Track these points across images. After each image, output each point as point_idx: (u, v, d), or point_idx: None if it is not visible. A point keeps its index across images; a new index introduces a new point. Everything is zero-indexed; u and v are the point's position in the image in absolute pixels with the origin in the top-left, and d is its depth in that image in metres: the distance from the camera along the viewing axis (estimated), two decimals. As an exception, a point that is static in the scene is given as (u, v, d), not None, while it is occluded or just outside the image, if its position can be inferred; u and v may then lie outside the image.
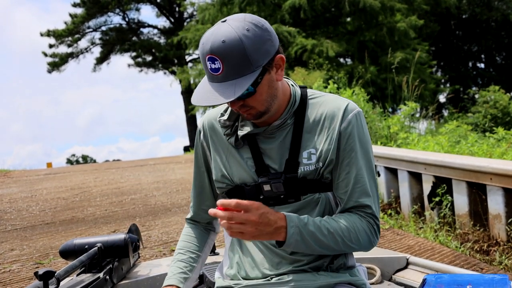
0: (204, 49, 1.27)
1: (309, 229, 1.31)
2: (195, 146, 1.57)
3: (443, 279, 1.23)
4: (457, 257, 3.71)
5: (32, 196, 7.82)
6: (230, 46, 1.23)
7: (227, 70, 1.25)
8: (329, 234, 1.33)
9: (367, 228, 1.38)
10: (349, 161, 1.38)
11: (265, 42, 1.28)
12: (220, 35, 1.25)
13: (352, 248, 1.38)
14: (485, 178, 3.90)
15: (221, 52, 1.24)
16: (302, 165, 1.38)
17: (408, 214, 4.88)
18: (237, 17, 1.30)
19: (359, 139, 1.39)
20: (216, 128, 1.49)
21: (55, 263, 4.03)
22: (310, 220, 1.33)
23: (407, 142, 6.38)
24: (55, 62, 25.54)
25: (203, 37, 1.29)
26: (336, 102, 1.42)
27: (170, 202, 6.62)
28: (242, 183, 1.43)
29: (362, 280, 1.45)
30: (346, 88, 8.07)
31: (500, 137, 6.65)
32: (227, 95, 1.25)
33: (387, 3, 15.70)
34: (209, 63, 1.26)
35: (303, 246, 1.32)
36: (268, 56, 1.29)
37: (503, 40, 23.13)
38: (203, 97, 1.29)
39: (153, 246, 4.37)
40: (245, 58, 1.25)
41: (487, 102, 11.71)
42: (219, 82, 1.27)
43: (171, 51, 25.05)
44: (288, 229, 1.29)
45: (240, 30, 1.25)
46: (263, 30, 1.28)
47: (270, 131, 1.40)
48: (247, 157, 1.43)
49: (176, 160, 12.67)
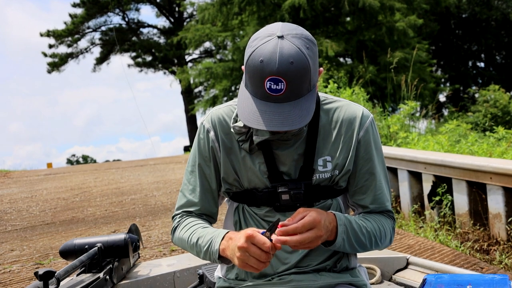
0: (266, 68, 1.16)
1: (353, 227, 1.32)
2: (201, 145, 1.46)
3: (443, 279, 1.23)
4: (457, 257, 3.71)
5: (32, 197, 7.82)
6: (298, 68, 1.17)
7: (289, 92, 1.19)
8: (367, 233, 1.35)
9: (391, 228, 1.43)
10: (368, 168, 1.39)
11: (317, 58, 1.25)
12: (286, 54, 1.16)
13: (378, 247, 1.40)
14: (485, 178, 3.90)
15: (289, 74, 1.16)
16: (317, 172, 1.37)
17: (408, 214, 4.88)
18: (293, 31, 1.22)
19: (375, 146, 1.40)
20: (226, 129, 1.42)
21: (55, 263, 4.03)
22: (353, 219, 1.34)
23: (407, 141, 6.38)
24: (55, 62, 25.53)
25: (260, 54, 1.18)
26: (351, 108, 1.41)
27: (170, 202, 6.62)
28: (253, 188, 1.41)
29: (362, 281, 1.45)
30: (346, 88, 8.07)
31: (500, 136, 6.65)
32: (294, 119, 1.19)
33: (386, 3, 15.69)
34: (269, 83, 1.17)
35: (348, 245, 1.32)
36: (318, 72, 1.26)
37: (503, 39, 23.13)
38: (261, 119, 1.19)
39: (153, 246, 4.37)
40: (308, 78, 1.20)
41: (487, 101, 11.70)
42: (279, 103, 1.20)
43: (171, 51, 25.05)
44: (338, 227, 1.29)
45: (304, 49, 1.19)
46: (315, 46, 1.24)
47: (285, 137, 1.36)
48: (259, 162, 1.39)
49: (176, 160, 12.67)
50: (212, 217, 1.51)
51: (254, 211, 1.43)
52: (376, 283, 2.01)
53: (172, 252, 4.09)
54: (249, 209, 1.44)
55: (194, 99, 24.29)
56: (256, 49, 1.19)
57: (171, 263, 2.14)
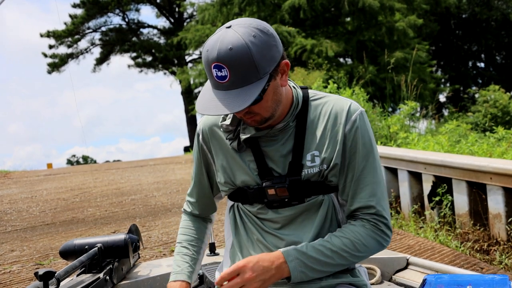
0: (209, 56, 1.23)
1: (310, 255, 1.31)
2: (194, 149, 1.56)
3: (443, 279, 1.23)
4: (457, 257, 3.71)
5: (32, 197, 7.82)
6: (238, 53, 1.20)
7: (234, 78, 1.22)
8: (333, 254, 1.32)
9: (373, 232, 1.37)
10: (353, 163, 1.37)
11: (271, 48, 1.26)
12: (226, 41, 1.21)
13: (363, 257, 1.37)
14: (485, 178, 3.90)
15: (228, 60, 1.20)
16: (306, 167, 1.37)
17: (408, 214, 4.88)
18: (242, 22, 1.26)
19: (362, 140, 1.38)
20: (216, 131, 1.48)
21: (55, 263, 4.03)
22: (309, 246, 1.32)
23: (407, 141, 6.38)
24: (55, 62, 25.53)
25: (208, 44, 1.25)
26: (338, 103, 1.41)
27: (170, 203, 6.62)
28: (245, 186, 1.43)
29: (363, 281, 1.45)
30: (346, 88, 8.07)
31: (500, 137, 6.65)
32: (236, 104, 1.22)
33: (386, 3, 15.70)
34: (215, 70, 1.23)
35: (312, 274, 1.32)
36: (274, 62, 1.27)
37: (503, 40, 23.13)
38: (209, 106, 1.26)
39: (153, 247, 4.37)
40: (253, 65, 1.22)
41: (487, 102, 11.70)
42: (226, 90, 1.24)
43: (171, 52, 25.05)
44: (289, 263, 1.29)
45: (247, 36, 1.22)
46: (269, 36, 1.26)
47: (272, 134, 1.39)
48: (249, 160, 1.41)
49: (176, 160, 12.67)
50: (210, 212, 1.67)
51: (247, 209, 1.46)
52: (376, 283, 2.01)
53: (172, 252, 4.08)
54: (243, 207, 1.47)
55: (194, 100, 24.28)
56: (207, 41, 1.27)
57: (171, 263, 2.12)
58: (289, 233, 1.40)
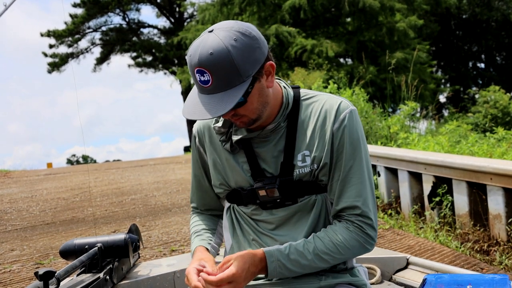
0: (192, 61, 1.24)
1: (291, 258, 1.32)
2: (192, 151, 1.58)
3: (443, 279, 1.23)
4: (457, 257, 3.71)
5: (32, 196, 7.83)
6: (218, 58, 1.20)
7: (217, 82, 1.23)
8: (314, 257, 1.33)
9: (356, 234, 1.36)
10: (340, 162, 1.37)
11: (254, 50, 1.25)
12: (207, 46, 1.22)
13: (345, 259, 1.38)
14: (485, 178, 3.90)
15: (209, 64, 1.21)
16: (297, 167, 1.37)
17: (408, 214, 4.88)
18: (224, 26, 1.26)
19: (350, 139, 1.36)
20: (211, 133, 1.49)
21: (55, 263, 4.03)
22: (292, 248, 1.33)
23: (407, 142, 6.38)
24: (55, 62, 25.54)
25: (190, 49, 1.26)
26: (328, 102, 1.40)
27: (170, 202, 6.62)
28: (239, 187, 1.44)
29: (362, 281, 1.45)
30: (346, 88, 8.07)
31: (501, 137, 6.65)
32: (217, 108, 1.23)
33: (386, 3, 15.71)
34: (198, 75, 1.24)
35: (289, 274, 1.34)
36: (257, 64, 1.26)
37: (503, 40, 23.13)
38: (194, 110, 1.26)
39: (153, 246, 4.37)
40: (234, 69, 1.22)
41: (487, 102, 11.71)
42: (209, 94, 1.25)
43: (171, 52, 25.05)
44: (269, 264, 1.30)
45: (227, 40, 1.22)
46: (251, 39, 1.25)
47: (264, 135, 1.39)
48: (242, 162, 1.42)
49: (176, 160, 12.67)
50: (218, 210, 1.63)
51: (242, 210, 1.47)
52: (376, 283, 2.01)
53: (172, 252, 4.09)
54: (238, 209, 1.48)
55: (195, 100, 24.27)
56: (190, 45, 1.27)
57: (171, 263, 2.14)
58: (284, 233, 1.41)
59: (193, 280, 1.28)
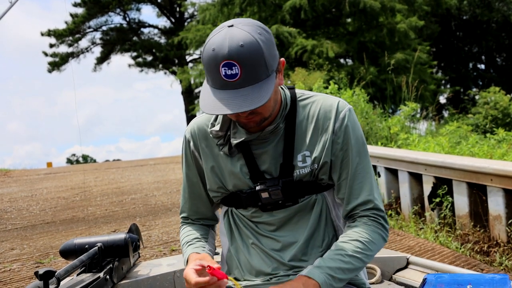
0: (218, 55, 1.18)
1: (332, 266, 1.28)
2: (185, 156, 1.50)
3: (444, 279, 1.23)
4: (457, 258, 3.71)
5: (33, 196, 7.83)
6: (249, 50, 1.17)
7: (245, 75, 1.18)
8: (350, 258, 1.30)
9: (375, 227, 1.37)
10: (347, 160, 1.37)
11: (273, 45, 1.25)
12: (236, 39, 1.18)
13: (373, 255, 1.37)
14: (485, 179, 3.90)
15: (240, 57, 1.17)
16: (297, 168, 1.37)
17: (408, 215, 4.88)
18: (244, 21, 1.24)
19: (353, 136, 1.37)
20: (206, 136, 1.45)
21: (55, 262, 4.03)
22: (325, 260, 1.30)
23: (407, 142, 6.38)
24: (55, 61, 25.55)
25: (213, 43, 1.20)
26: (326, 101, 1.40)
27: (170, 202, 6.62)
28: (238, 191, 1.42)
29: (362, 280, 1.45)
30: (347, 89, 8.07)
31: (501, 138, 6.65)
32: (250, 101, 1.18)
33: (387, 4, 15.71)
34: (224, 69, 1.18)
35: (339, 284, 1.28)
36: (277, 59, 1.26)
37: (504, 41, 23.14)
38: (219, 105, 1.19)
39: (154, 246, 4.37)
40: (263, 62, 1.20)
41: (488, 103, 11.71)
42: (235, 89, 1.20)
43: (171, 51, 25.06)
44: (317, 279, 1.25)
45: (254, 33, 1.20)
46: (270, 34, 1.26)
47: (263, 136, 1.37)
48: (241, 164, 1.40)
49: (176, 160, 12.67)
50: (210, 219, 1.57)
51: (241, 213, 1.45)
52: (376, 283, 2.01)
53: (173, 251, 4.09)
54: (237, 212, 1.46)
55: (195, 100, 24.31)
56: (209, 41, 1.22)
57: (171, 262, 2.14)
58: (285, 234, 1.41)
59: (192, 279, 1.22)
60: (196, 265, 1.25)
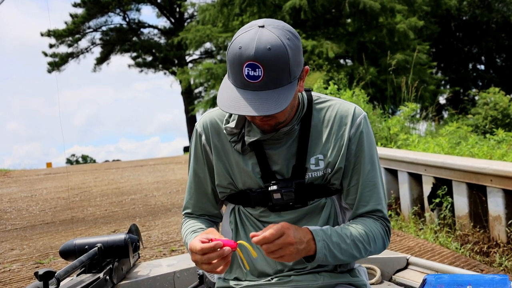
0: (243, 54, 1.17)
1: (334, 240, 1.29)
2: (194, 149, 1.48)
3: (443, 279, 1.23)
4: (457, 258, 3.71)
5: (32, 196, 7.82)
6: (276, 54, 1.16)
7: (267, 79, 1.18)
8: (351, 242, 1.31)
9: (382, 231, 1.38)
10: (359, 166, 1.38)
11: (300, 52, 1.25)
12: (264, 41, 1.17)
13: (370, 253, 1.37)
14: (485, 180, 3.90)
15: (266, 60, 1.16)
16: (310, 171, 1.37)
17: (408, 215, 4.88)
18: (275, 23, 1.23)
19: (367, 143, 1.38)
20: (218, 132, 1.44)
21: (55, 263, 4.03)
22: (332, 230, 1.31)
23: (407, 143, 6.38)
24: (55, 62, 25.54)
25: (241, 41, 1.19)
26: (343, 107, 1.40)
27: (170, 202, 6.62)
28: (247, 189, 1.41)
29: (362, 281, 1.45)
30: (346, 89, 8.07)
31: (501, 139, 6.65)
32: (269, 106, 1.17)
33: (387, 5, 15.71)
34: (247, 69, 1.17)
35: (331, 259, 1.30)
36: (301, 67, 1.26)
37: (503, 42, 23.14)
38: (238, 105, 1.19)
39: (153, 246, 4.37)
40: (287, 68, 1.19)
41: (487, 104, 11.70)
42: (256, 91, 1.19)
43: (171, 52, 25.07)
44: (317, 243, 1.26)
45: (283, 38, 1.19)
46: (298, 40, 1.25)
47: (277, 137, 1.37)
48: (252, 163, 1.39)
49: (176, 160, 12.67)
50: (215, 217, 1.55)
51: (249, 212, 1.44)
52: (376, 283, 2.01)
53: (172, 252, 4.08)
54: (245, 210, 1.45)
55: (194, 100, 24.32)
56: (237, 37, 1.21)
57: (171, 263, 2.14)
58: None
59: (198, 245, 1.21)
60: (203, 238, 1.24)
